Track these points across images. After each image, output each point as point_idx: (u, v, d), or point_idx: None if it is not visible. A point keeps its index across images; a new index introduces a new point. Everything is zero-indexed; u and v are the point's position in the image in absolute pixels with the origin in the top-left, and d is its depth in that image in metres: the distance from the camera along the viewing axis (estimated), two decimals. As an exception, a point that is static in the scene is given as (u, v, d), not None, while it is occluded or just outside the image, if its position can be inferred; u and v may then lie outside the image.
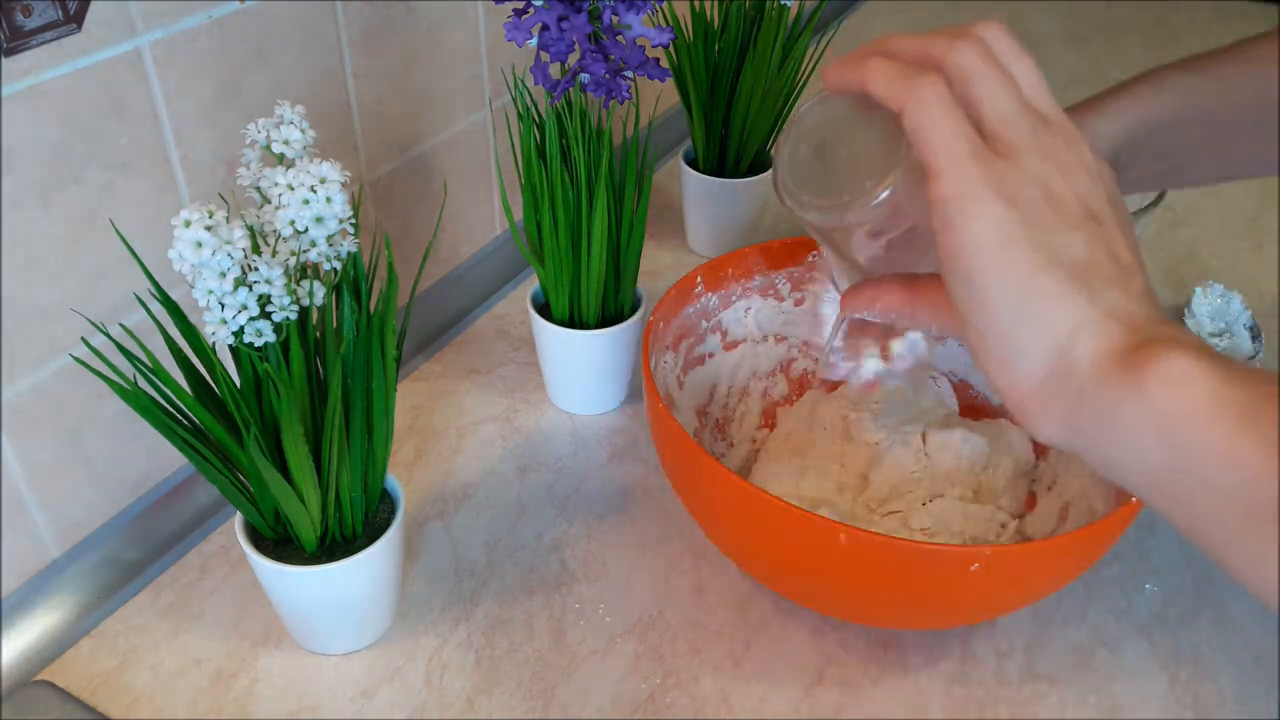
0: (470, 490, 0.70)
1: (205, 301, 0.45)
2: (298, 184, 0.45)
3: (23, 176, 0.52)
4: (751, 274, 0.70)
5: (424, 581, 0.63)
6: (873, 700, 0.57)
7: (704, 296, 0.69)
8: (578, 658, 0.59)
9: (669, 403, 0.65)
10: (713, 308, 0.70)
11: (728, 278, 0.69)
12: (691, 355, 0.69)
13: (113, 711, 0.56)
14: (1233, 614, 0.63)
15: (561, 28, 0.59)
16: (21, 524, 0.58)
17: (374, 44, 0.71)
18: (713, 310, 0.70)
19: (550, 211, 0.67)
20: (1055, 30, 1.43)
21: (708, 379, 0.71)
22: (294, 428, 0.49)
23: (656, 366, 0.63)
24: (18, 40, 0.50)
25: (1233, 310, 0.85)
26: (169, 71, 0.57)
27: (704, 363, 0.70)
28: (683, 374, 0.68)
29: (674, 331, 0.67)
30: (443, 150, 0.81)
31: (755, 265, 0.70)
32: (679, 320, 0.67)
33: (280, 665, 0.58)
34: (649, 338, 0.61)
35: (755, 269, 0.70)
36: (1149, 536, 0.68)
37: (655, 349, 0.63)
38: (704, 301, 0.69)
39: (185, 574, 0.63)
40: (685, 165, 0.91)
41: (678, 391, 0.67)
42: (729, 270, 0.69)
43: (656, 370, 0.63)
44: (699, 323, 0.69)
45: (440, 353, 0.82)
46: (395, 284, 0.52)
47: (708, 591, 0.63)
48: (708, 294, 0.69)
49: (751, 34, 0.84)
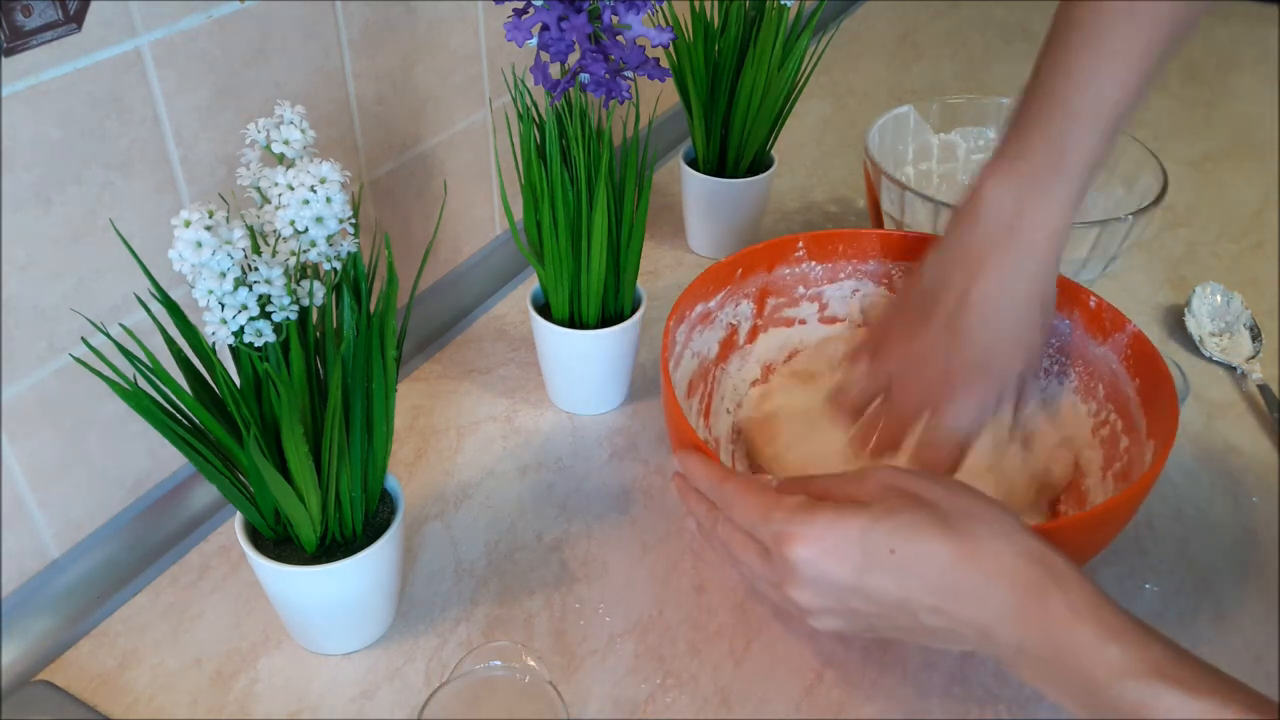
0: (470, 490, 0.70)
1: (205, 301, 0.45)
2: (298, 184, 0.45)
3: (23, 176, 0.52)
4: (866, 257, 0.73)
5: (424, 581, 0.63)
6: (873, 700, 0.57)
7: (805, 263, 0.73)
8: (578, 658, 0.59)
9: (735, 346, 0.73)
10: (815, 278, 0.74)
11: (837, 253, 0.73)
12: (779, 315, 0.74)
13: (113, 711, 0.56)
14: (1233, 614, 0.63)
15: (561, 28, 0.59)
16: (21, 524, 0.58)
17: (374, 44, 0.71)
18: (815, 280, 0.74)
19: (550, 211, 0.67)
20: (1055, 30, 1.43)
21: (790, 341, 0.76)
22: (294, 428, 0.49)
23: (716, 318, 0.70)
24: (18, 40, 0.50)
25: (1233, 310, 0.85)
26: (169, 71, 0.57)
27: (791, 325, 0.75)
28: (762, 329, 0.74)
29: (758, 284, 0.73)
30: (443, 150, 0.81)
31: (871, 249, 0.73)
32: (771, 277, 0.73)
33: (280, 665, 0.58)
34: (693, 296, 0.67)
35: (871, 253, 0.73)
36: (1149, 536, 0.68)
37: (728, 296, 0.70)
38: (805, 268, 0.73)
39: (185, 574, 0.63)
40: (685, 165, 0.91)
41: (748, 344, 0.73)
42: (839, 246, 0.73)
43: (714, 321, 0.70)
44: (795, 287, 0.74)
45: (440, 353, 0.82)
46: (395, 284, 0.52)
47: (708, 591, 0.63)
48: (810, 262, 0.73)
49: (751, 34, 0.84)
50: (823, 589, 0.48)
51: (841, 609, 0.49)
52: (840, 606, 0.49)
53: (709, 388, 0.71)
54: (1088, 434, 0.67)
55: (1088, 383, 0.67)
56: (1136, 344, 0.64)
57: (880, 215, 0.84)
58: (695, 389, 0.69)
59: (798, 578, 0.48)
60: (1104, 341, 0.66)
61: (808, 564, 0.48)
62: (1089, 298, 0.67)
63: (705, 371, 0.71)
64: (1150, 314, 0.88)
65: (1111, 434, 0.64)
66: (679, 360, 0.67)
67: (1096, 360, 0.67)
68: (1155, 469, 0.55)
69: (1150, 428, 0.60)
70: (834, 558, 0.47)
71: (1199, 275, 0.91)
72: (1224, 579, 0.65)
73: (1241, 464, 0.73)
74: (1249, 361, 0.81)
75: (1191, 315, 0.85)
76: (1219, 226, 0.99)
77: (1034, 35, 1.41)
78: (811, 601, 0.49)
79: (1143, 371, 0.63)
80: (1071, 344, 0.68)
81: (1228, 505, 0.70)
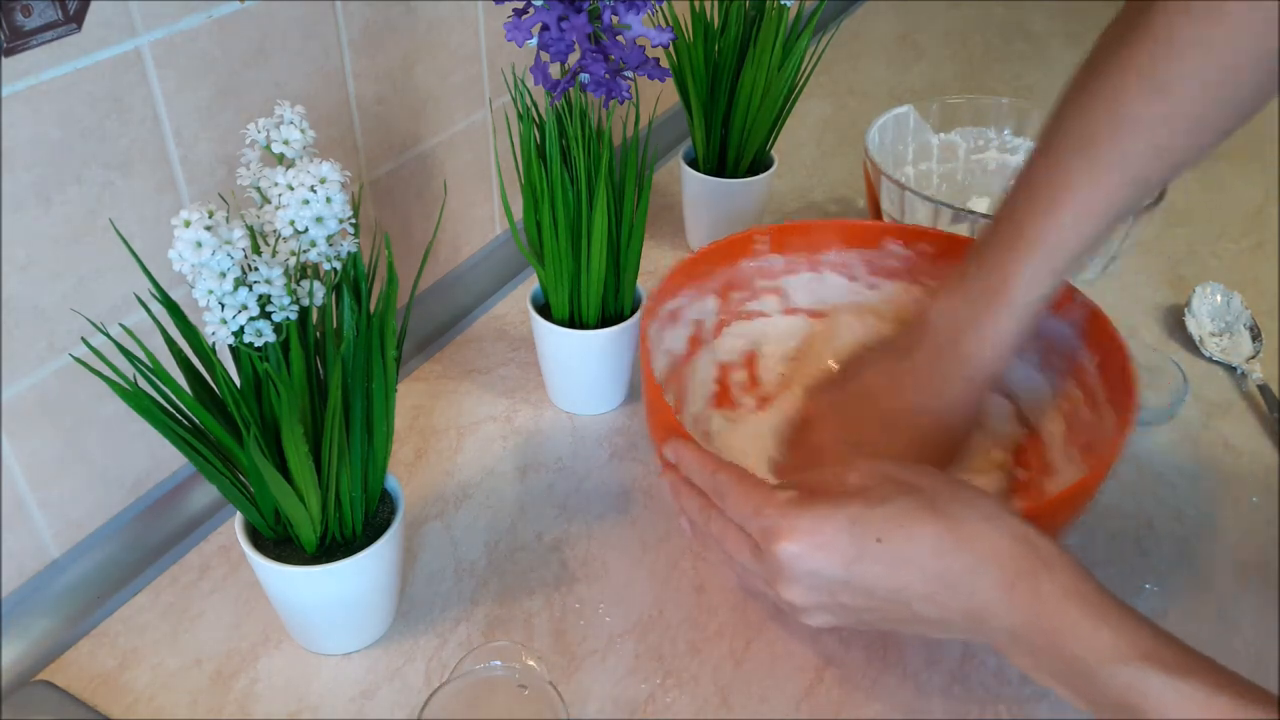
0: (470, 490, 0.70)
1: (205, 301, 0.45)
2: (298, 184, 0.45)
3: (23, 176, 0.52)
4: (826, 248, 0.74)
5: (424, 581, 0.63)
6: (873, 700, 0.57)
7: (766, 256, 0.73)
8: (578, 658, 0.59)
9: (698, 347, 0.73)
10: (775, 270, 0.74)
11: (795, 245, 0.74)
12: (741, 309, 0.74)
13: (113, 711, 0.56)
14: (1233, 614, 0.63)
15: (561, 28, 0.59)
16: (21, 524, 0.58)
17: (374, 44, 0.71)
18: (776, 272, 0.74)
19: (550, 211, 0.67)
20: (1055, 30, 1.43)
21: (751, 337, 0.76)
22: (294, 428, 0.49)
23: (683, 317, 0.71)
24: (18, 40, 0.50)
25: (1233, 310, 0.85)
26: (169, 71, 0.57)
27: (753, 319, 0.75)
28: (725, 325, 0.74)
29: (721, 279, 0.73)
30: (443, 150, 0.81)
31: (829, 240, 0.74)
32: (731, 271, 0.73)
33: (280, 665, 0.58)
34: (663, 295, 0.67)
35: (830, 244, 0.74)
36: (1149, 536, 0.68)
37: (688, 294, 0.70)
38: (766, 261, 0.74)
39: (185, 574, 0.63)
40: (685, 165, 0.91)
41: (714, 338, 0.74)
42: (795, 239, 0.74)
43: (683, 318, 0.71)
44: (754, 279, 0.73)
45: (440, 353, 0.82)
46: (395, 284, 0.52)
47: (708, 591, 0.63)
48: (772, 255, 0.73)
49: (751, 34, 0.84)
50: (814, 585, 0.48)
51: (833, 604, 0.49)
52: (832, 602, 0.49)
53: (681, 385, 0.71)
54: (1049, 407, 0.68)
55: (1047, 357, 0.69)
56: (1093, 319, 0.65)
57: (880, 215, 0.84)
58: (669, 387, 0.70)
59: (788, 574, 0.48)
60: (1058, 314, 0.67)
61: (797, 560, 0.48)
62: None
63: (677, 370, 0.71)
64: (1150, 314, 0.88)
65: (1072, 406, 0.66)
66: (654, 359, 0.67)
67: (1052, 334, 0.68)
68: (1120, 436, 0.57)
69: (1111, 399, 0.62)
70: (824, 552, 0.47)
71: (1199, 275, 0.91)
72: (1224, 579, 0.65)
73: (1241, 464, 0.73)
74: (1249, 361, 0.81)
75: (1191, 315, 0.85)
76: (1219, 226, 0.99)
77: (1034, 35, 1.42)
78: (803, 598, 0.49)
79: (1100, 345, 0.64)
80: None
81: (1228, 505, 0.70)
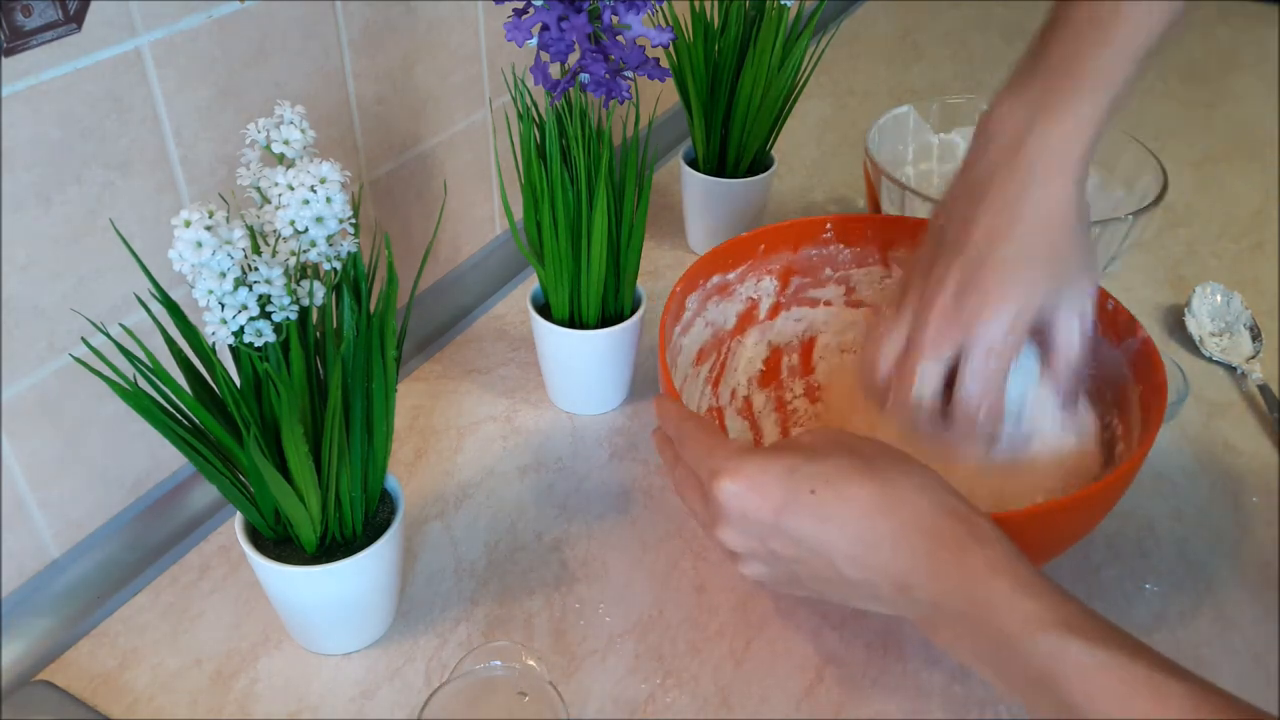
0: (470, 490, 0.70)
1: (205, 301, 0.45)
2: (298, 184, 0.45)
3: (23, 176, 0.52)
4: (895, 245, 0.75)
5: (424, 581, 0.63)
6: (873, 700, 0.57)
7: (833, 245, 0.75)
8: (578, 658, 0.59)
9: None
10: (843, 261, 0.75)
11: (866, 238, 0.75)
12: (803, 294, 0.76)
13: (113, 711, 0.56)
14: (1233, 614, 0.63)
15: (561, 28, 0.59)
16: (21, 524, 0.58)
17: (374, 44, 0.71)
18: (843, 263, 0.76)
19: (550, 211, 0.67)
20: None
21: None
22: (294, 428, 0.49)
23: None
24: (18, 40, 0.50)
25: (1233, 310, 0.85)
26: (169, 71, 0.57)
27: (815, 306, 0.77)
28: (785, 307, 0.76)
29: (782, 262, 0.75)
30: (443, 150, 0.81)
31: (901, 235, 0.74)
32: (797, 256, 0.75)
33: (280, 665, 0.58)
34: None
35: (901, 239, 0.75)
36: (1149, 537, 0.68)
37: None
38: (832, 250, 0.75)
39: (185, 574, 0.63)
40: (685, 165, 0.91)
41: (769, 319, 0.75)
42: (867, 231, 0.75)
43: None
44: (822, 268, 0.75)
45: (440, 353, 0.82)
46: (395, 284, 0.52)
47: (708, 591, 0.63)
48: (838, 245, 0.75)
49: (751, 34, 0.84)
50: (745, 529, 0.49)
51: (764, 552, 0.49)
52: (763, 549, 0.49)
53: (721, 358, 0.73)
54: (1092, 440, 0.66)
55: (1099, 385, 0.66)
56: (1145, 348, 0.63)
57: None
58: (706, 357, 0.72)
59: (724, 514, 0.49)
60: (1117, 345, 0.66)
61: (733, 498, 0.48)
62: (1107, 300, 0.66)
63: (720, 341, 0.73)
64: (1150, 314, 0.88)
65: (1110, 438, 0.64)
66: (688, 327, 0.70)
67: (1108, 363, 0.66)
68: (1143, 450, 0.56)
69: (1142, 435, 0.60)
70: (758, 494, 0.48)
71: (1199, 275, 0.91)
72: (1224, 579, 0.65)
73: (1241, 464, 0.73)
74: (1249, 361, 0.81)
75: (1191, 315, 0.85)
76: (1219, 226, 0.99)
77: (1032, 35, 1.41)
78: (735, 541, 0.50)
79: (1145, 376, 0.62)
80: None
81: (1228, 505, 0.70)
